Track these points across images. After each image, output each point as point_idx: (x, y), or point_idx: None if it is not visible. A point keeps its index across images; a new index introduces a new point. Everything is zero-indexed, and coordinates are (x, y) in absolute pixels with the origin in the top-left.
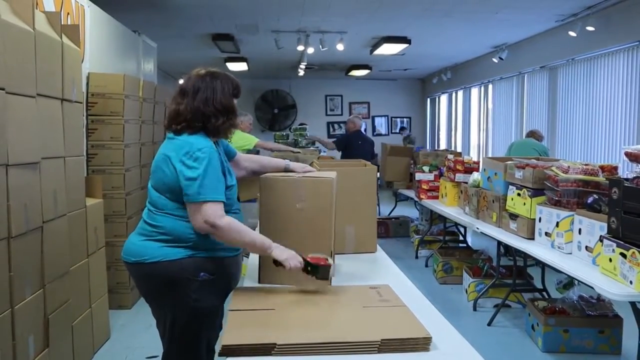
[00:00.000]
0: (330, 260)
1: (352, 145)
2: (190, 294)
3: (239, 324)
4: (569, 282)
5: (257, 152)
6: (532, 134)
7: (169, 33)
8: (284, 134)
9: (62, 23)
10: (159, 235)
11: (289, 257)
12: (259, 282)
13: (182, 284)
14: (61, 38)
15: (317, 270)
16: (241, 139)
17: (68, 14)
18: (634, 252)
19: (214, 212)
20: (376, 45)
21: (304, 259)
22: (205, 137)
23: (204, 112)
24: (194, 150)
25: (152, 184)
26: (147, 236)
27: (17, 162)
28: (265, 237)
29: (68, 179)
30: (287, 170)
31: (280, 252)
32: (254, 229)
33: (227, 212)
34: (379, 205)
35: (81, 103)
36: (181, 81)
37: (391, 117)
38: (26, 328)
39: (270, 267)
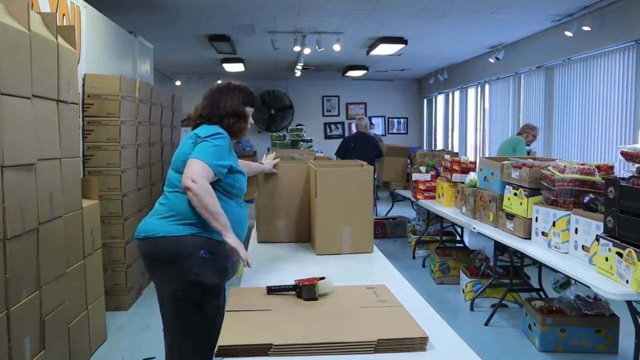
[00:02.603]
0: (323, 280)
1: (350, 147)
2: (191, 268)
3: (236, 324)
4: (566, 282)
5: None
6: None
7: (165, 34)
8: (281, 134)
9: (58, 24)
10: (167, 212)
11: (236, 244)
12: (258, 241)
13: (183, 259)
14: (57, 39)
15: (302, 291)
16: None
17: (64, 15)
18: (630, 251)
19: (200, 171)
20: (373, 46)
21: (296, 283)
22: (219, 127)
23: (218, 113)
24: (214, 131)
25: (172, 167)
26: (158, 215)
27: (12, 164)
28: (226, 222)
29: (64, 180)
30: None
31: (232, 236)
32: (251, 229)
33: (233, 198)
34: (376, 205)
35: (77, 104)
36: (178, 83)
37: (388, 118)
38: (22, 330)
39: (266, 226)
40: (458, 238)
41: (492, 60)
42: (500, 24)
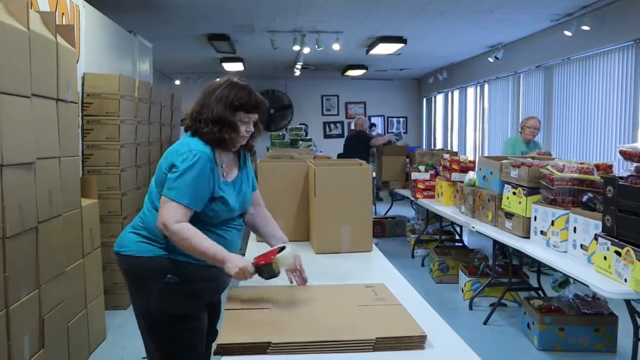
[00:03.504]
0: (282, 252)
1: (348, 146)
2: (154, 293)
3: (234, 323)
4: (565, 281)
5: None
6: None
7: (164, 33)
8: (280, 134)
9: (57, 23)
10: (140, 230)
11: (238, 272)
12: (257, 240)
13: (147, 282)
14: (56, 38)
15: (261, 272)
16: None
17: (63, 14)
18: (628, 250)
19: (171, 214)
20: (372, 45)
21: (253, 264)
22: (200, 142)
23: (198, 117)
24: (185, 150)
25: (155, 177)
26: (132, 228)
27: (11, 162)
28: (221, 250)
29: (63, 179)
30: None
31: (232, 266)
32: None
33: (216, 225)
34: (375, 204)
35: (76, 103)
36: (177, 82)
37: (387, 117)
38: (21, 328)
39: None
40: (457, 237)
41: (491, 60)
42: (499, 24)
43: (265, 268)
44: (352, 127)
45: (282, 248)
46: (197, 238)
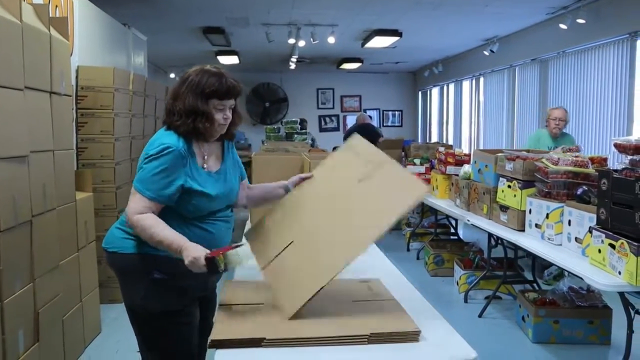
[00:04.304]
0: (234, 250)
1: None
2: (140, 290)
3: (228, 318)
4: (559, 274)
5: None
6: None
7: (159, 26)
8: (275, 127)
9: (51, 15)
10: (124, 226)
11: (191, 261)
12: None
13: (133, 278)
14: (49, 30)
15: (208, 265)
16: None
17: (56, 6)
18: (622, 243)
19: (133, 205)
20: (367, 38)
21: (205, 257)
22: (174, 135)
23: (170, 109)
24: (156, 144)
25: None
26: (119, 224)
27: (5, 156)
28: (179, 239)
29: (57, 173)
30: (287, 190)
31: (187, 254)
32: (245, 221)
33: (201, 219)
34: None
35: (70, 96)
36: (172, 75)
37: (383, 111)
38: (16, 322)
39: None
40: (452, 230)
41: (486, 53)
42: (494, 17)
43: (211, 262)
44: (355, 122)
45: (239, 246)
46: (156, 228)
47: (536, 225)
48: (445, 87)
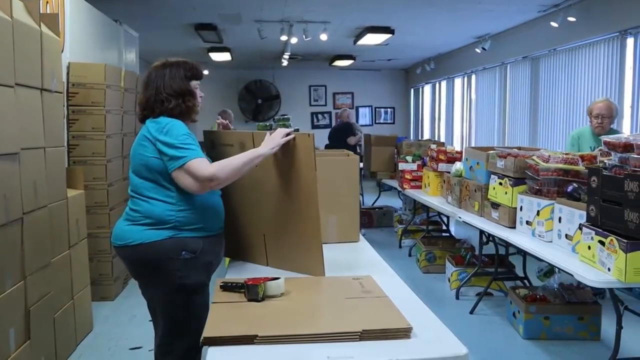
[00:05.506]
0: (270, 283)
1: (332, 137)
2: (174, 272)
3: (221, 316)
4: (550, 270)
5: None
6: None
7: (151, 23)
8: (267, 124)
9: (41, 12)
10: (142, 219)
11: (274, 147)
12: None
13: (165, 263)
14: (40, 27)
15: (247, 291)
16: None
17: (47, 2)
18: (612, 240)
19: (199, 167)
20: (360, 36)
21: (245, 283)
22: (168, 117)
23: (157, 99)
24: (163, 125)
25: (132, 170)
26: (131, 221)
27: None
28: (251, 151)
29: (48, 170)
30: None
31: (267, 150)
32: None
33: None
34: (362, 195)
35: (61, 93)
36: None
37: (375, 108)
38: (7, 320)
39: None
40: (444, 227)
41: (478, 51)
42: (486, 15)
43: (251, 288)
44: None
45: (276, 278)
46: (231, 160)
47: (527, 222)
48: (437, 85)
